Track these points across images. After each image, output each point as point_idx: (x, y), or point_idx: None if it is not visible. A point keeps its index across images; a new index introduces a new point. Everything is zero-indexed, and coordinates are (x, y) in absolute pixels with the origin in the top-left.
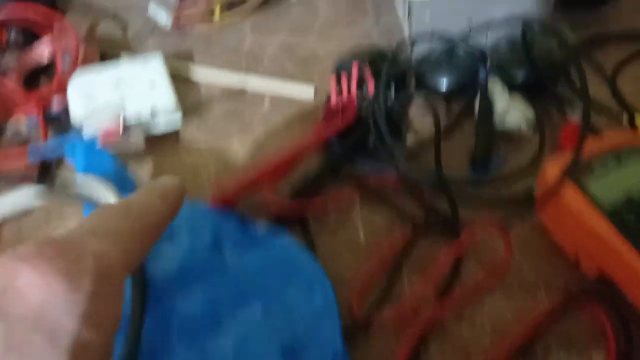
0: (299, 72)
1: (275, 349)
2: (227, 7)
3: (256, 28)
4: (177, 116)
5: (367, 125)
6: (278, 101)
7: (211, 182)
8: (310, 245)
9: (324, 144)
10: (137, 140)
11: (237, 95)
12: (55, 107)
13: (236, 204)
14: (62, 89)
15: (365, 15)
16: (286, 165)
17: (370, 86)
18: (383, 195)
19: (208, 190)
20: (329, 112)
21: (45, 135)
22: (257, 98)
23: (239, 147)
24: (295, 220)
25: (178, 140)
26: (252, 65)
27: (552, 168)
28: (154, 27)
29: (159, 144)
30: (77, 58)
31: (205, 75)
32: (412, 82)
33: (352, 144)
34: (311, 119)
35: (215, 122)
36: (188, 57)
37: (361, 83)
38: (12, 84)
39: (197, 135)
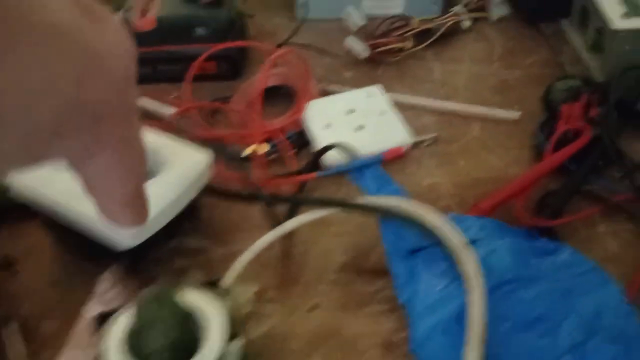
0: (498, 99)
1: None
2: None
3: (439, 57)
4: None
5: (600, 147)
6: (488, 126)
7: (450, 195)
8: None
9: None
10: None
11: (449, 120)
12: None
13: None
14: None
15: (540, 45)
16: (530, 184)
17: (596, 111)
18: (627, 211)
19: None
20: (557, 138)
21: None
22: (467, 122)
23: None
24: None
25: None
26: (450, 93)
27: None
28: (346, 59)
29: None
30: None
31: (420, 102)
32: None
33: (590, 165)
34: (521, 140)
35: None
36: (387, 87)
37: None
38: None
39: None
